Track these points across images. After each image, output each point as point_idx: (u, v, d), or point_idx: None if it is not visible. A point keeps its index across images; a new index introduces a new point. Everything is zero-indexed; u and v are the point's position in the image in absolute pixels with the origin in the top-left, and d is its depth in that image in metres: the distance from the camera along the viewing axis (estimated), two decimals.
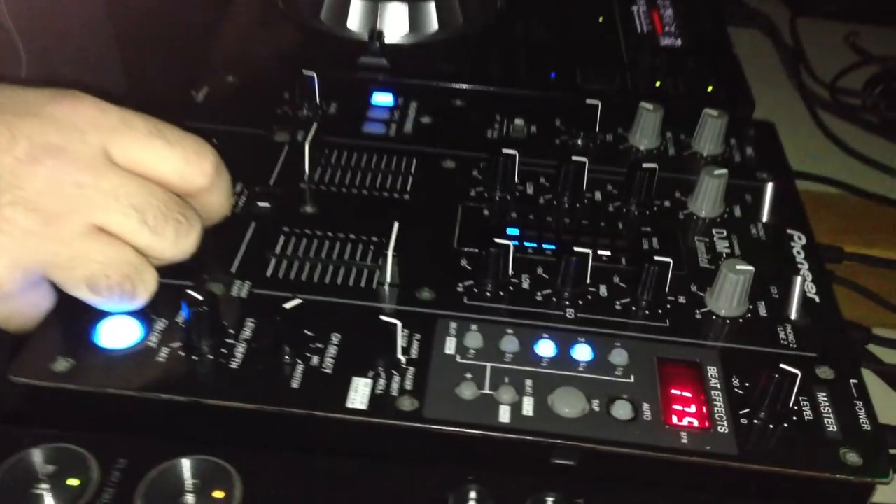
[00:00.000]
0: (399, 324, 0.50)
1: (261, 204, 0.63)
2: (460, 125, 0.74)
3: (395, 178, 0.67)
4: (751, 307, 0.58)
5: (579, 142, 0.72)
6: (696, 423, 0.50)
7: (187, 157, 0.50)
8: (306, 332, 0.52)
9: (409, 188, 0.66)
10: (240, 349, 0.51)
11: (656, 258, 0.57)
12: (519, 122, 0.74)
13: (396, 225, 0.58)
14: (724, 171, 0.65)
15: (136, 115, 0.50)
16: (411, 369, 0.51)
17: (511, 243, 0.57)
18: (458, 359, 0.52)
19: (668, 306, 0.57)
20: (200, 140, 0.52)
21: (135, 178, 0.49)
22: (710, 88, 0.82)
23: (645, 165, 0.65)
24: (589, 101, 0.72)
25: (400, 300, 0.56)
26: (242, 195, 0.63)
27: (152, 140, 0.49)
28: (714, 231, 0.65)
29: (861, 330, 0.64)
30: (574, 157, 0.65)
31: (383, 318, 0.50)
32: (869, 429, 0.50)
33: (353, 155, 0.69)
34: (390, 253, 0.56)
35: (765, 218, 0.66)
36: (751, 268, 0.56)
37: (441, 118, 0.75)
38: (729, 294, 0.57)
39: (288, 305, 0.50)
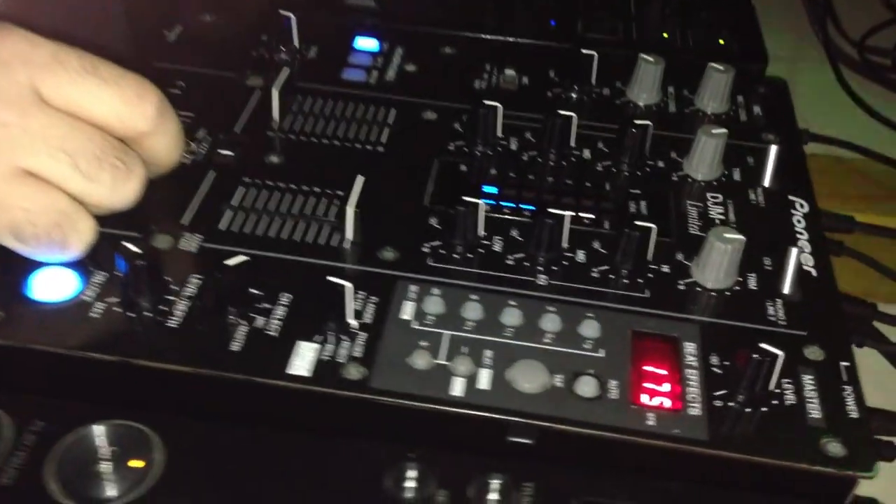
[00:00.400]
0: (349, 286, 0.47)
1: (223, 152, 0.59)
2: (447, 75, 0.69)
3: (370, 128, 0.63)
4: (740, 280, 0.53)
5: (573, 95, 0.68)
6: (666, 403, 0.46)
7: (126, 97, 0.46)
8: (253, 290, 0.49)
9: (384, 140, 0.62)
10: (181, 307, 0.48)
11: (637, 223, 0.52)
12: (510, 72, 0.69)
13: (360, 179, 0.54)
14: (723, 130, 0.60)
15: (71, 50, 0.46)
16: (363, 335, 0.48)
17: (482, 202, 0.53)
18: (415, 325, 0.49)
19: (650, 276, 0.53)
20: (142, 80, 0.48)
21: (67, 119, 0.45)
22: (721, 41, 0.77)
23: (638, 122, 0.60)
24: (584, 51, 0.67)
25: (360, 259, 0.52)
26: (204, 142, 0.60)
27: (86, 78, 0.45)
28: (709, 195, 0.60)
29: (865, 306, 0.60)
30: (560, 112, 0.61)
31: (332, 279, 0.47)
32: (856, 417, 0.46)
33: (328, 103, 0.65)
34: (350, 208, 0.52)
35: (766, 182, 0.61)
36: (741, 237, 0.52)
37: (427, 67, 0.70)
38: (716, 265, 0.52)
39: (231, 262, 0.47)
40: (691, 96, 0.68)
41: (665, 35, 0.76)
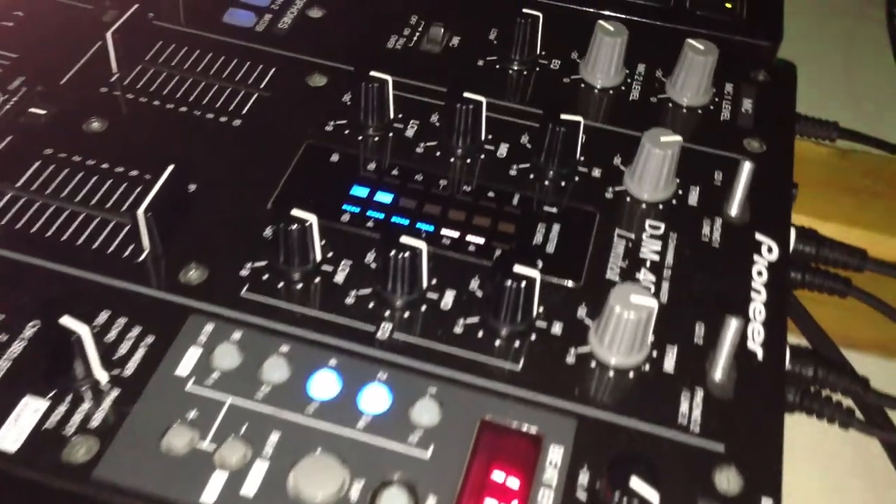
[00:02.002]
0: (83, 331, 0.35)
1: (34, 111, 0.47)
2: (359, 26, 0.55)
3: (235, 93, 0.50)
4: (653, 354, 0.40)
5: (514, 67, 0.54)
6: None
7: None
8: None
9: (246, 110, 0.49)
10: None
11: (521, 271, 0.39)
12: (436, 29, 0.55)
13: (170, 168, 0.42)
14: (676, 138, 0.45)
15: None
16: (115, 392, 0.36)
17: (312, 220, 0.40)
18: (190, 386, 0.36)
19: (533, 338, 0.40)
20: None
21: None
22: (728, 4, 0.61)
23: (566, 118, 0.46)
24: (527, 10, 0.52)
25: (150, 279, 0.40)
26: (16, 95, 0.48)
27: None
28: (648, 224, 0.45)
29: (856, 380, 0.45)
30: (468, 95, 0.47)
31: (65, 321, 0.35)
32: None
33: (194, 54, 0.52)
34: (141, 211, 0.40)
35: (732, 210, 0.46)
36: (648, 304, 0.38)
37: (336, 13, 0.56)
38: (618, 334, 0.39)
39: None
40: (665, 79, 0.54)
41: None
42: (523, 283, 0.38)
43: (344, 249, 0.42)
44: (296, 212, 0.40)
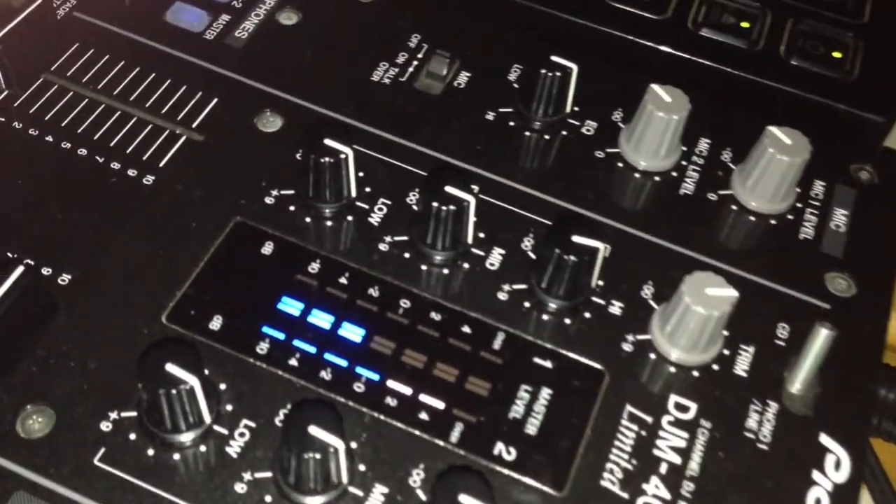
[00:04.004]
0: None
1: None
2: (339, 45, 0.42)
3: (157, 132, 0.37)
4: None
5: (534, 126, 0.40)
6: None
7: None
8: None
9: (166, 161, 0.38)
10: None
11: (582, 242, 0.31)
12: (440, 59, 0.41)
13: (18, 272, 0.30)
14: (728, 296, 0.32)
15: None
16: None
17: (184, 378, 0.28)
18: None
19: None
20: None
21: None
22: (836, 54, 0.46)
23: (580, 242, 0.33)
24: (557, 60, 0.39)
25: None
26: None
27: None
28: (673, 401, 0.33)
29: None
30: (451, 191, 0.34)
31: None
32: None
33: (116, 66, 0.39)
34: None
35: (794, 386, 0.34)
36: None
37: (315, 24, 0.43)
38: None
39: None
40: (732, 167, 0.40)
41: (742, 24, 0.46)
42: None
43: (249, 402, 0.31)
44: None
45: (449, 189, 0.34)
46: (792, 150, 0.36)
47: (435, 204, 0.34)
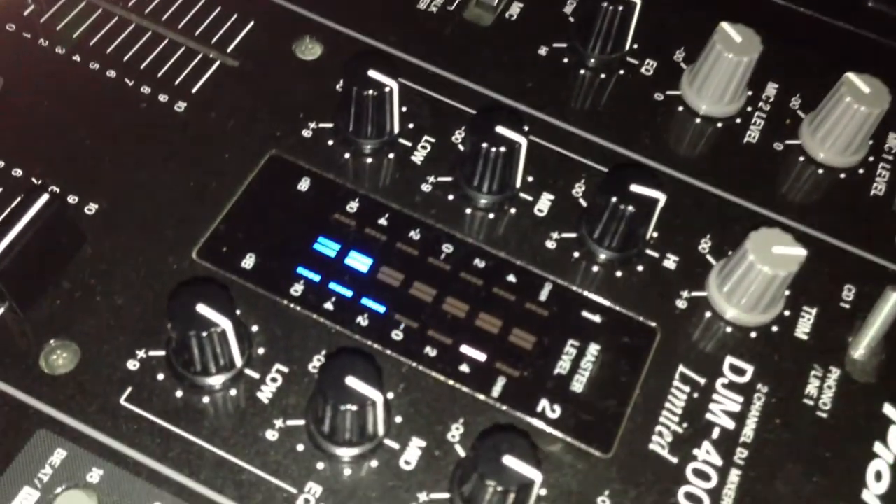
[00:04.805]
0: None
1: None
2: None
3: (190, 55, 0.35)
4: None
5: (589, 64, 0.38)
6: None
7: None
8: None
9: (199, 87, 0.35)
10: None
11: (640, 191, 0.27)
12: None
13: (42, 200, 0.29)
14: (797, 255, 0.30)
15: None
16: None
17: (223, 325, 0.27)
18: None
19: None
20: None
21: None
22: None
23: (638, 191, 0.31)
24: None
25: None
26: None
27: None
28: (729, 363, 0.31)
29: None
30: (502, 131, 0.32)
31: None
32: None
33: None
34: None
35: (857, 351, 0.32)
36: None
37: None
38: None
39: None
40: (802, 115, 0.38)
41: None
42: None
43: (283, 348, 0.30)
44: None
45: (500, 129, 0.32)
46: (870, 100, 0.34)
47: (485, 144, 0.32)
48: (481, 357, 0.30)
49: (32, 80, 0.35)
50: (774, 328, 0.32)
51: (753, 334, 0.32)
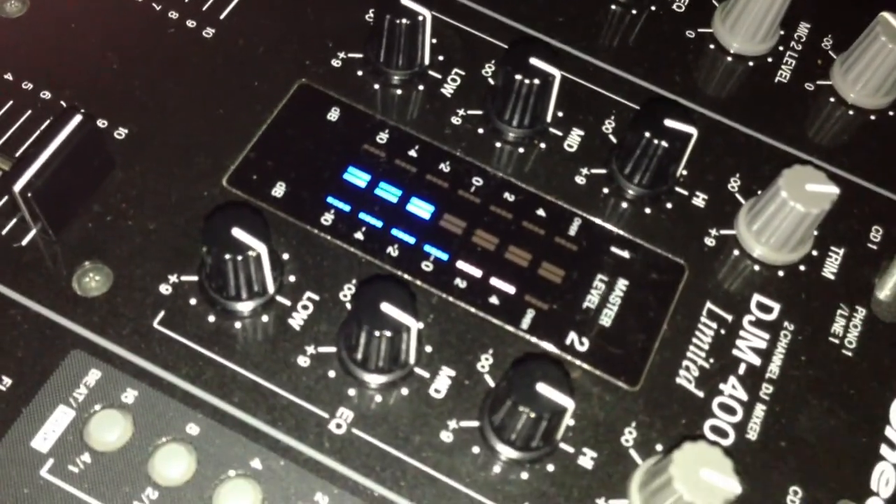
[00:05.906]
0: None
1: None
2: None
3: None
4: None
5: (620, 0, 0.38)
6: None
7: None
8: None
9: (226, 13, 0.35)
10: None
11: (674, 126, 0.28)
12: None
13: (76, 120, 0.28)
14: (830, 193, 0.30)
15: None
16: None
17: (258, 249, 0.27)
18: (46, 469, 0.25)
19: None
20: None
21: None
22: None
23: (671, 126, 0.31)
24: None
25: (26, 279, 0.28)
26: None
27: None
28: (756, 301, 0.32)
29: None
30: (535, 63, 0.32)
31: None
32: None
33: None
34: (19, 188, 0.27)
35: (883, 292, 0.32)
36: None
37: None
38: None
39: None
40: (833, 55, 0.37)
41: None
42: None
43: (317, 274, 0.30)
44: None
45: (534, 61, 0.31)
46: None
47: (518, 77, 0.31)
48: (511, 289, 0.31)
49: (59, 3, 0.34)
50: (802, 267, 0.32)
51: (781, 273, 0.32)
